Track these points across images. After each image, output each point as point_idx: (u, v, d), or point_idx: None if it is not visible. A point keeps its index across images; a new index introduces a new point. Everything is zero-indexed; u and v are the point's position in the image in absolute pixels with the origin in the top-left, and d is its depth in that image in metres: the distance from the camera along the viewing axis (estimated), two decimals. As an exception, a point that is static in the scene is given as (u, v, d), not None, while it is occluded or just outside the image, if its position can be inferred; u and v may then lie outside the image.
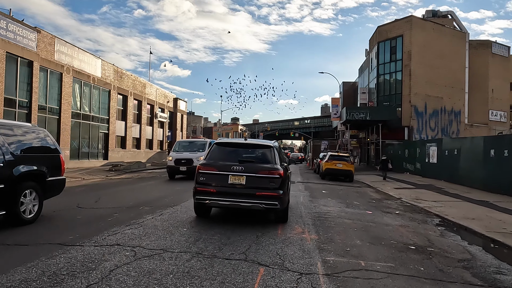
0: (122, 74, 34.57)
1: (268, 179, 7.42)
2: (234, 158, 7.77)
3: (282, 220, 8.04)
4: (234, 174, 7.43)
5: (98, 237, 6.01)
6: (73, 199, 10.69)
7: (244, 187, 7.39)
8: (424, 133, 37.92)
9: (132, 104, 36.79)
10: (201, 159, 15.75)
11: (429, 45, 38.19)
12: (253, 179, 7.40)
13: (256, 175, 7.43)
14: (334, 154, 22.12)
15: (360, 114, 33.55)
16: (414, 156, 27.86)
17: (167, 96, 46.85)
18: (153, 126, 42.35)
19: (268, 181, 7.40)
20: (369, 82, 44.56)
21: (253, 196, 7.30)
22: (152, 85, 42.32)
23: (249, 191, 7.34)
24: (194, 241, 6.10)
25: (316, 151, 36.22)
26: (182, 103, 51.88)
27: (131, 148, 36.58)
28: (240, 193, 7.36)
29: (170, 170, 19.21)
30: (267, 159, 7.86)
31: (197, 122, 79.85)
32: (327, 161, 21.48)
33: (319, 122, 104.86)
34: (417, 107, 37.60)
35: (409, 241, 7.00)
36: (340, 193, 15.44)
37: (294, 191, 14.37)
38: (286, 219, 8.13)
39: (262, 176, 7.43)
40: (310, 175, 26.39)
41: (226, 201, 7.40)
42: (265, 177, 7.43)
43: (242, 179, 7.40)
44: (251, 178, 7.40)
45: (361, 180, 22.76)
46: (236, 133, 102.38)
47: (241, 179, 7.41)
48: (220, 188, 7.44)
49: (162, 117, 44.48)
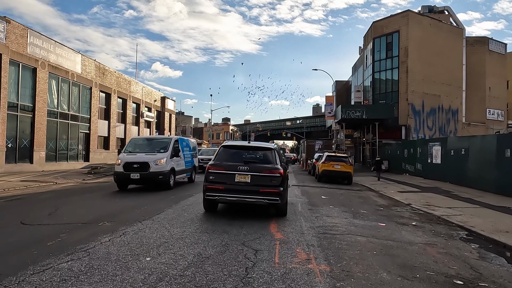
0: (104, 71, 32.52)
1: (270, 177, 8.18)
2: (240, 159, 8.59)
3: (282, 214, 8.83)
4: (240, 173, 8.20)
5: (13, 278, 4.14)
6: (23, 211, 8.79)
7: (249, 184, 8.14)
8: (421, 133, 36.52)
9: (116, 103, 34.72)
10: (162, 162, 13.78)
11: (426, 41, 36.83)
12: (257, 177, 8.15)
13: (260, 174, 8.18)
14: (332, 154, 20.44)
15: (356, 113, 31.96)
16: (414, 156, 26.34)
17: (154, 94, 44.82)
18: (139, 126, 40.30)
19: (270, 179, 8.16)
20: (364, 80, 43.09)
21: (257, 193, 8.05)
22: (138, 82, 40.28)
23: (254, 188, 8.09)
24: (155, 282, 4.26)
25: (310, 151, 34.58)
26: (170, 102, 49.87)
27: (115, 149, 34.49)
28: (245, 190, 8.11)
29: (118, 178, 13.78)
30: (269, 160, 8.64)
31: (187, 122, 77.74)
32: (324, 162, 19.81)
33: (311, 122, 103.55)
34: (415, 106, 36.18)
35: (449, 271, 5.27)
36: (342, 199, 13.73)
37: (290, 196, 12.62)
38: (285, 213, 8.96)
39: (265, 175, 8.18)
40: (305, 177, 24.68)
41: (233, 197, 8.13)
42: (268, 175, 8.19)
43: (247, 178, 8.17)
44: (255, 177, 8.15)
45: (360, 182, 21.12)
46: (227, 133, 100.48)
47: (246, 178, 8.18)
48: (227, 186, 8.21)
49: (149, 116, 42.44)
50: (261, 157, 8.79)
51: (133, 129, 38.83)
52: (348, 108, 32.77)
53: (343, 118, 32.50)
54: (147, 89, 42.51)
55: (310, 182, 20.72)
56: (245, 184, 8.11)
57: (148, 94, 42.76)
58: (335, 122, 38.14)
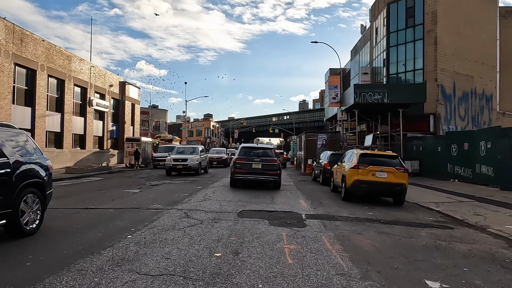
0: (24, 36, 23.00)
1: (272, 165, 14.48)
2: (254, 154, 14.90)
3: (278, 187, 14.82)
4: (255, 163, 14.39)
5: None
6: None
7: (260, 169, 14.35)
8: (453, 123, 28.27)
9: (44, 83, 25.21)
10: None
11: (456, 6, 28.55)
12: (265, 165, 14.38)
13: (266, 163, 14.43)
14: (369, 153, 11.62)
15: (375, 95, 23.35)
16: (473, 155, 17.86)
17: (109, 78, 35.27)
18: (85, 116, 30.81)
19: (272, 166, 14.44)
20: (373, 60, 34.58)
21: (265, 174, 14.34)
22: (84, 60, 30.74)
23: (263, 171, 14.35)
24: None
25: (311, 148, 25.90)
26: (133, 90, 40.33)
27: (44, 146, 24.99)
28: (258, 172, 14.35)
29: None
30: (271, 155, 15.09)
31: (161, 117, 68.09)
32: (357, 167, 11.00)
33: (300, 118, 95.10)
34: (445, 88, 27.85)
35: None
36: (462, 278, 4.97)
37: None
38: (280, 187, 14.94)
39: (269, 163, 14.44)
40: (313, 189, 15.90)
41: (252, 177, 14.37)
42: (271, 164, 14.47)
43: (259, 165, 14.38)
44: (263, 165, 14.38)
45: (412, 199, 12.44)
46: (208, 129, 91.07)
47: (259, 165, 14.37)
48: (248, 170, 14.36)
49: (101, 105, 32.96)
50: (266, 153, 15.10)
51: (76, 121, 29.37)
52: (364, 89, 24.07)
53: (357, 103, 23.87)
54: (98, 71, 32.98)
55: (330, 201, 11.94)
56: (258, 169, 14.31)
57: (100, 76, 33.25)
58: (342, 111, 29.51)
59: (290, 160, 45.83)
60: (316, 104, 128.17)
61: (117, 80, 37.12)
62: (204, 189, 13.89)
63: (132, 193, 12.46)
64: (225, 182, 16.83)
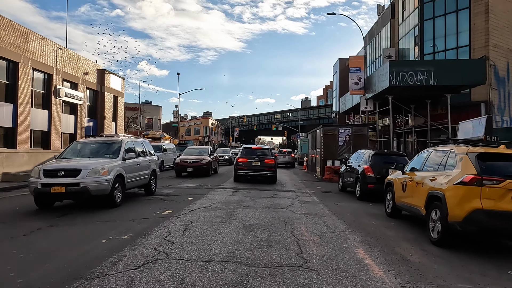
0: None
1: (269, 163, 16.85)
2: (254, 153, 17.36)
3: (274, 182, 17.08)
4: (254, 161, 16.79)
5: None
6: None
7: (259, 166, 16.74)
8: (507, 114, 22.44)
9: (-14, 64, 19.51)
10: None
11: (510, -33, 22.75)
12: (263, 163, 16.77)
13: (264, 161, 16.83)
14: (497, 154, 5.90)
15: (418, 75, 17.53)
16: None
17: (83, 64, 29.53)
18: (50, 109, 25.08)
19: (269, 164, 16.81)
20: (398, 41, 28.78)
21: (263, 170, 16.74)
22: (47, 39, 24.99)
23: (261, 168, 16.74)
24: None
25: (330, 146, 20.11)
26: (115, 80, 34.52)
27: (-13, 146, 19.32)
28: (257, 169, 16.77)
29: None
30: (268, 154, 17.46)
31: (154, 114, 62.20)
32: (482, 183, 5.28)
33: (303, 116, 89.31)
34: (498, 70, 22.04)
35: None
36: None
37: None
38: (275, 182, 17.20)
39: (266, 162, 16.85)
40: (355, 213, 10.12)
41: (252, 172, 16.85)
42: (268, 162, 16.85)
43: (258, 163, 16.80)
44: (261, 163, 16.78)
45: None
46: (206, 127, 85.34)
47: (258, 163, 16.79)
48: (248, 167, 16.77)
49: (72, 96, 27.25)
50: (264, 153, 17.50)
51: (36, 114, 23.64)
52: (402, 66, 18.16)
53: (393, 86, 18.06)
54: (68, 54, 27.23)
55: (417, 250, 6.20)
56: (257, 166, 16.72)
57: (70, 62, 27.51)
58: (366, 99, 23.69)
59: (297, 160, 40.00)
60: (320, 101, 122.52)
61: (94, 68, 31.33)
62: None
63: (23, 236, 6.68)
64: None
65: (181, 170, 20.42)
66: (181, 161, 20.47)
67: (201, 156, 20.98)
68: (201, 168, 20.04)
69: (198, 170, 20.02)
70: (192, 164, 20.07)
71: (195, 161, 20.22)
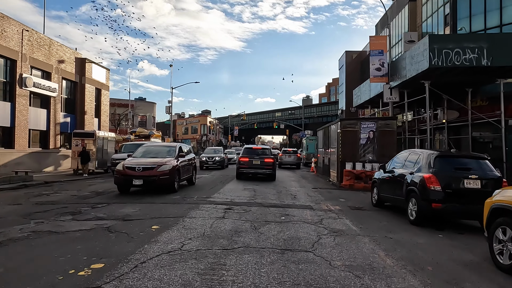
0: None
1: (268, 161, 18.11)
2: (254, 153, 18.65)
3: (273, 179, 18.21)
4: (255, 160, 18.08)
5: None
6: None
7: (259, 165, 18.04)
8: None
9: None
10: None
11: None
12: (262, 162, 18.03)
13: (264, 160, 18.10)
14: None
15: (467, 53, 13.55)
16: None
17: (58, 51, 25.54)
18: (14, 101, 21.15)
19: (268, 162, 18.05)
20: (421, 23, 24.78)
21: (263, 168, 17.98)
22: (11, 19, 21.05)
23: (261, 166, 18.01)
24: None
25: (350, 145, 16.15)
26: (98, 70, 30.49)
27: None
28: (258, 167, 18.08)
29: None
30: (267, 154, 18.78)
31: (148, 111, 58.22)
32: None
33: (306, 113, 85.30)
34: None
35: None
36: None
37: None
38: (275, 178, 18.46)
39: (266, 161, 18.10)
40: (416, 242, 6.25)
41: (253, 171, 18.16)
42: (267, 161, 18.11)
43: (259, 161, 18.06)
44: (261, 161, 18.04)
45: None
46: (204, 126, 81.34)
47: (258, 162, 18.06)
48: (249, 165, 18.06)
49: (43, 87, 23.32)
50: (264, 152, 18.81)
51: (-7, 107, 19.71)
52: (446, 43, 14.11)
53: (435, 67, 14.05)
54: (38, 38, 23.25)
55: None
56: (257, 164, 18.02)
57: (41, 47, 23.57)
58: (391, 88, 19.66)
59: (302, 160, 35.88)
60: (323, 98, 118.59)
61: (73, 55, 27.35)
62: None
63: None
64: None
65: (124, 184, 12.36)
66: (125, 168, 12.21)
67: (159, 160, 12.77)
68: (158, 179, 11.97)
69: (151, 183, 12.01)
70: (142, 172, 12.01)
71: (148, 167, 12.18)
